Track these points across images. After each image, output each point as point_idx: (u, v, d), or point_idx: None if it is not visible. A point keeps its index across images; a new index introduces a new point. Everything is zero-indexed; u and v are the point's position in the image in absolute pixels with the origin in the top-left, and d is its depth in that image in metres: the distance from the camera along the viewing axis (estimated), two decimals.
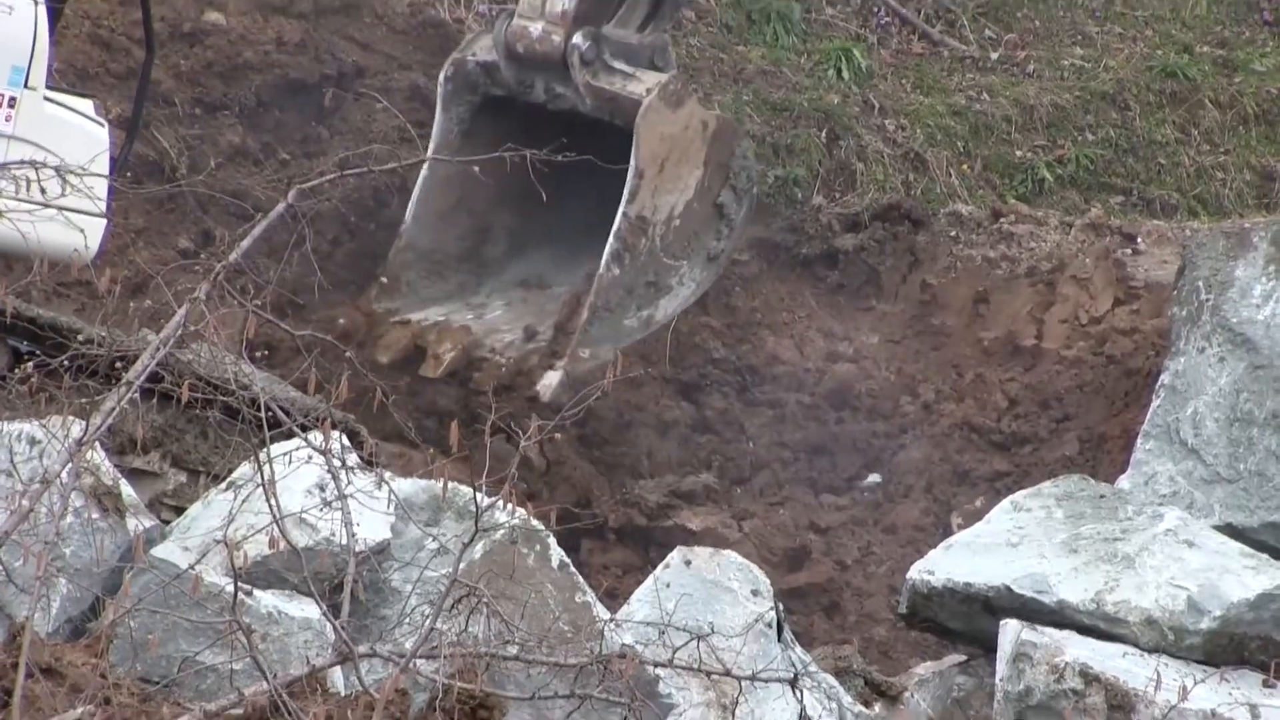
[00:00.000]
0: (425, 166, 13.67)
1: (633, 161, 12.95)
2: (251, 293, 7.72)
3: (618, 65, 13.42)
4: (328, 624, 7.64)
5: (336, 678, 7.38)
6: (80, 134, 8.89)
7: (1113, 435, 11.65)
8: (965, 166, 15.43)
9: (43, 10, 9.97)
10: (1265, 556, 9.77)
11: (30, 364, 8.67)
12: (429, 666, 7.31)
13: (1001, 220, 14.37)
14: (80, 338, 9.75)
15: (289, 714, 6.85)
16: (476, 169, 12.39)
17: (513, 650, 7.52)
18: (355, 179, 12.43)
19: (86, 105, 9.16)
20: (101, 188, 9.76)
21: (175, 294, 7.69)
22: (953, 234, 14.16)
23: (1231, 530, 10.01)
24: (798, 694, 8.63)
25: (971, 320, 13.59)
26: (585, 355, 12.96)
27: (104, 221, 10.03)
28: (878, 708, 9.66)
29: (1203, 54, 17.16)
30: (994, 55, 17.00)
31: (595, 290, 13.09)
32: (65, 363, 8.27)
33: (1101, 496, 10.24)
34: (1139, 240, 13.73)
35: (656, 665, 8.07)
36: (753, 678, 8.19)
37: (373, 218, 14.24)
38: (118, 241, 12.36)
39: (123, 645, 7.92)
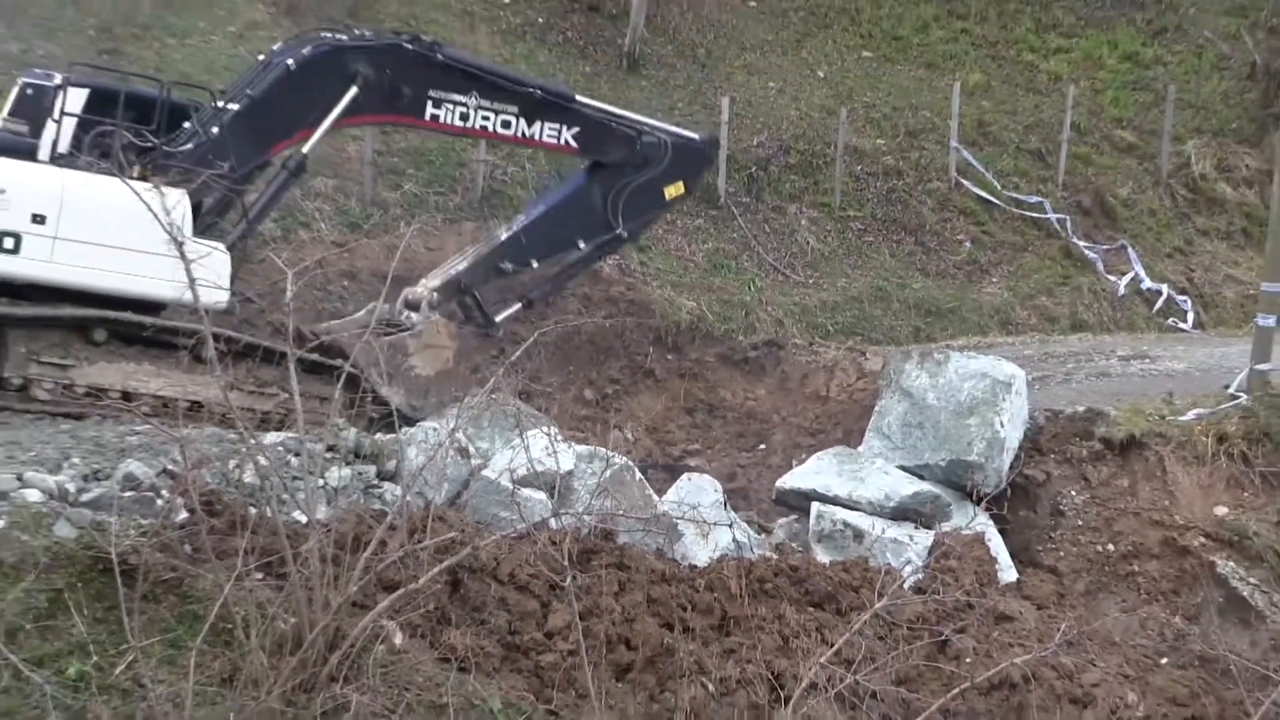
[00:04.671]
0: None
1: None
2: (520, 371, 7.65)
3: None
4: (548, 501, 7.60)
5: (552, 523, 7.33)
6: (212, 254, 7.58)
7: (858, 431, 11.36)
8: (798, 324, 15.29)
9: (186, 199, 8.32)
10: (916, 479, 9.63)
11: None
12: (588, 519, 7.25)
13: (814, 345, 14.15)
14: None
15: (533, 536, 6.80)
16: None
17: (620, 513, 7.46)
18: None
19: (218, 245, 8.02)
20: (225, 276, 8.39)
21: (490, 369, 7.64)
22: (794, 351, 13.95)
23: (903, 469, 9.83)
24: (732, 531, 8.55)
25: (801, 385, 13.36)
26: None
27: (226, 292, 8.47)
28: (763, 536, 9.54)
29: (892, 281, 16.88)
30: (810, 281, 16.85)
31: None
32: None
33: (851, 454, 10.11)
34: (867, 355, 13.52)
35: (677, 519, 7.99)
36: (713, 524, 8.11)
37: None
38: (469, 347, 11.72)
39: (469, 509, 7.90)
